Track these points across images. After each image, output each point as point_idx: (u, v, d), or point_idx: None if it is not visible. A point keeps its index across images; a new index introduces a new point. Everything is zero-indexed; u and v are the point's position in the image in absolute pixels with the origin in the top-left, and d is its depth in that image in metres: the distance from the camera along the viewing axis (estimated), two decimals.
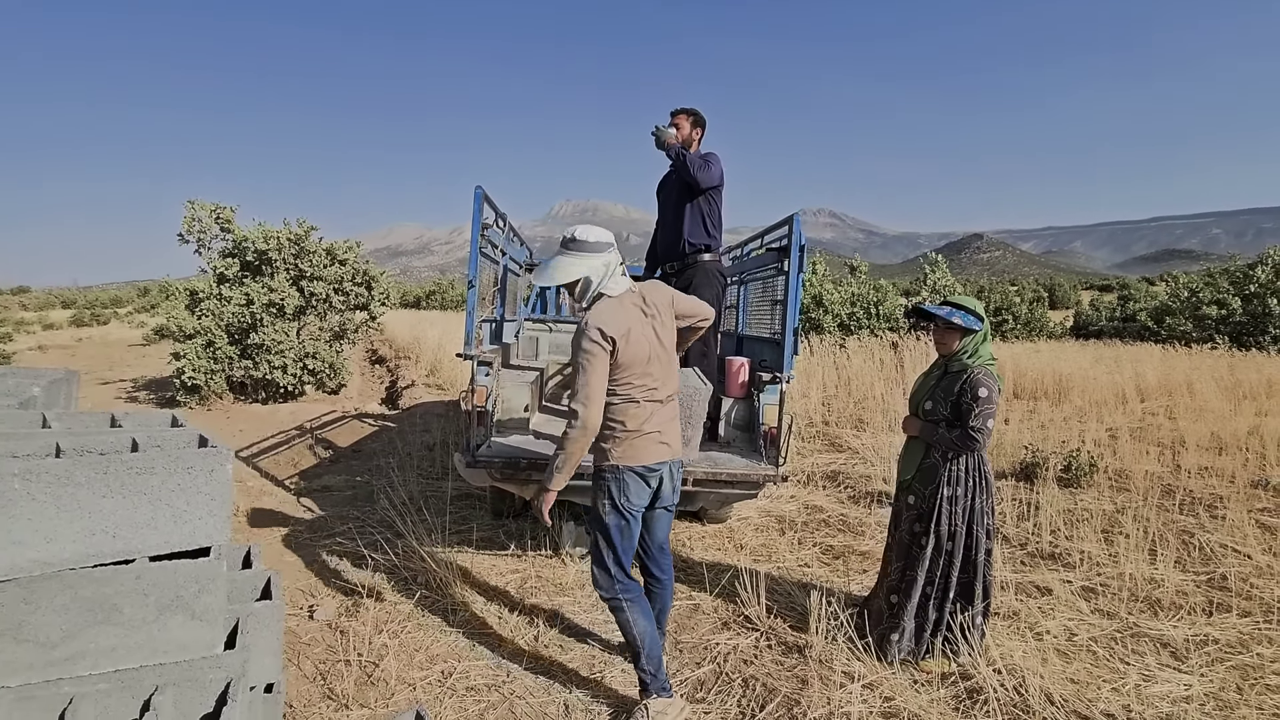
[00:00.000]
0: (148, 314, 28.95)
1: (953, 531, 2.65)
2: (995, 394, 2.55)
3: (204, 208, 8.50)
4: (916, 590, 2.71)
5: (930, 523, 2.67)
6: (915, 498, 2.75)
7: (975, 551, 2.66)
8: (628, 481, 2.30)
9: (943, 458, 2.66)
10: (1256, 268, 15.15)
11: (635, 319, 2.27)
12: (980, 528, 2.65)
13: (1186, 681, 2.67)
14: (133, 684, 1.33)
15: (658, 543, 2.54)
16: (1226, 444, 6.29)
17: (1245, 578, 3.60)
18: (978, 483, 2.64)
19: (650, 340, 2.30)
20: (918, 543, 2.71)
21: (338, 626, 3.01)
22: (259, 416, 7.89)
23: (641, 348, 2.26)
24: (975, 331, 2.62)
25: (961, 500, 2.64)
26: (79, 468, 1.32)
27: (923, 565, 2.69)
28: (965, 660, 2.66)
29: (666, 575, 2.61)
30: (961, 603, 2.71)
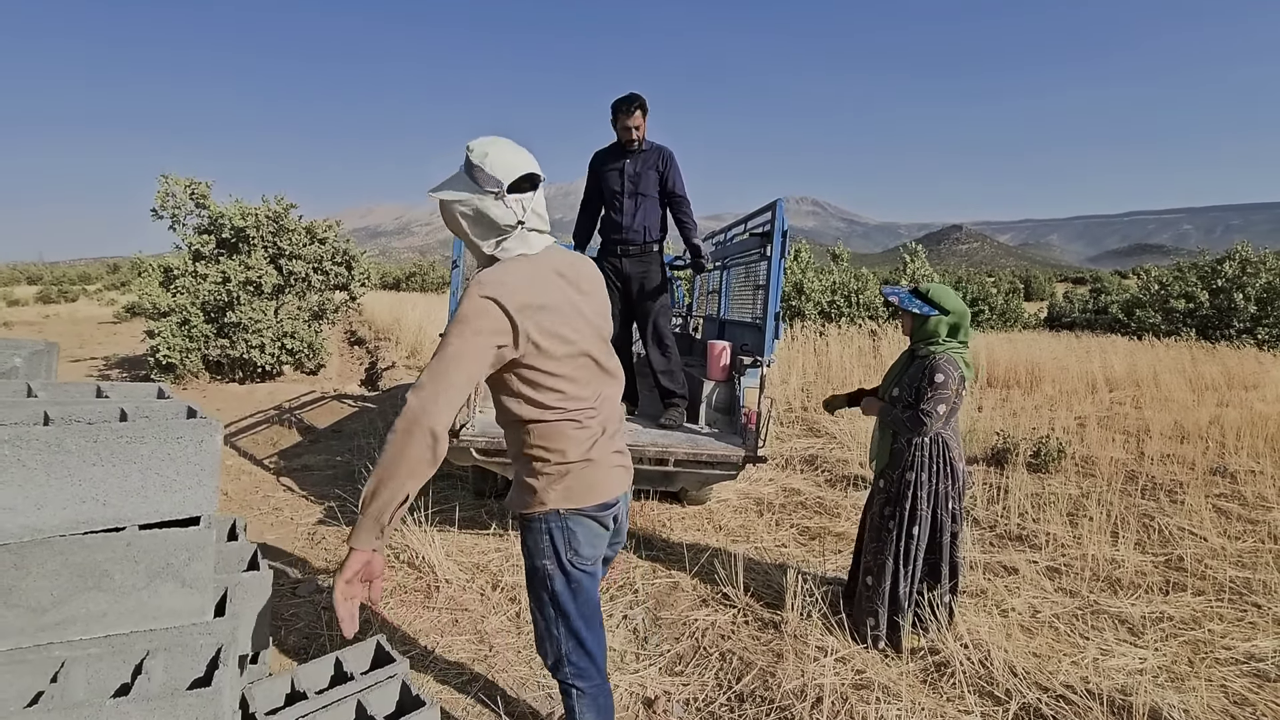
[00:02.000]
0: (118, 291, 28.28)
1: (919, 515, 2.73)
2: (953, 380, 2.59)
3: (178, 182, 8.33)
4: (888, 573, 2.79)
5: (897, 506, 2.76)
6: (885, 481, 2.83)
7: (940, 534, 2.75)
8: (574, 531, 1.59)
9: (908, 443, 2.73)
10: (1224, 263, 15.56)
11: (560, 292, 1.54)
12: (945, 512, 2.73)
13: (1141, 655, 2.80)
14: (124, 649, 1.35)
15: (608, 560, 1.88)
16: (1188, 433, 6.52)
17: (1201, 559, 3.76)
18: (943, 469, 2.71)
19: (584, 323, 1.58)
20: (886, 525, 2.79)
21: (320, 602, 3.03)
22: (236, 396, 7.80)
23: (574, 334, 1.54)
24: (930, 318, 2.66)
25: (927, 485, 2.71)
26: (69, 435, 1.32)
27: (890, 547, 2.77)
28: (933, 635, 2.76)
29: None
30: (929, 581, 2.81)
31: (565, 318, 1.52)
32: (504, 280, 1.44)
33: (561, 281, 1.56)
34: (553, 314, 1.49)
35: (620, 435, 1.73)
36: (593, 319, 1.61)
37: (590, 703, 1.69)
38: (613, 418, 1.68)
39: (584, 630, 1.65)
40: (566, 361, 1.52)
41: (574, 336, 1.53)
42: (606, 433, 1.64)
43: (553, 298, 1.51)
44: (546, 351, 1.48)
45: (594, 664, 1.69)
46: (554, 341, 1.49)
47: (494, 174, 1.47)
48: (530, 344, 1.46)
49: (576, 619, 1.64)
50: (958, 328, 2.67)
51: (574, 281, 1.60)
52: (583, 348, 1.56)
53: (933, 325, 2.66)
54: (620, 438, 1.73)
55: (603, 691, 1.72)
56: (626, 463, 1.73)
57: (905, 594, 2.78)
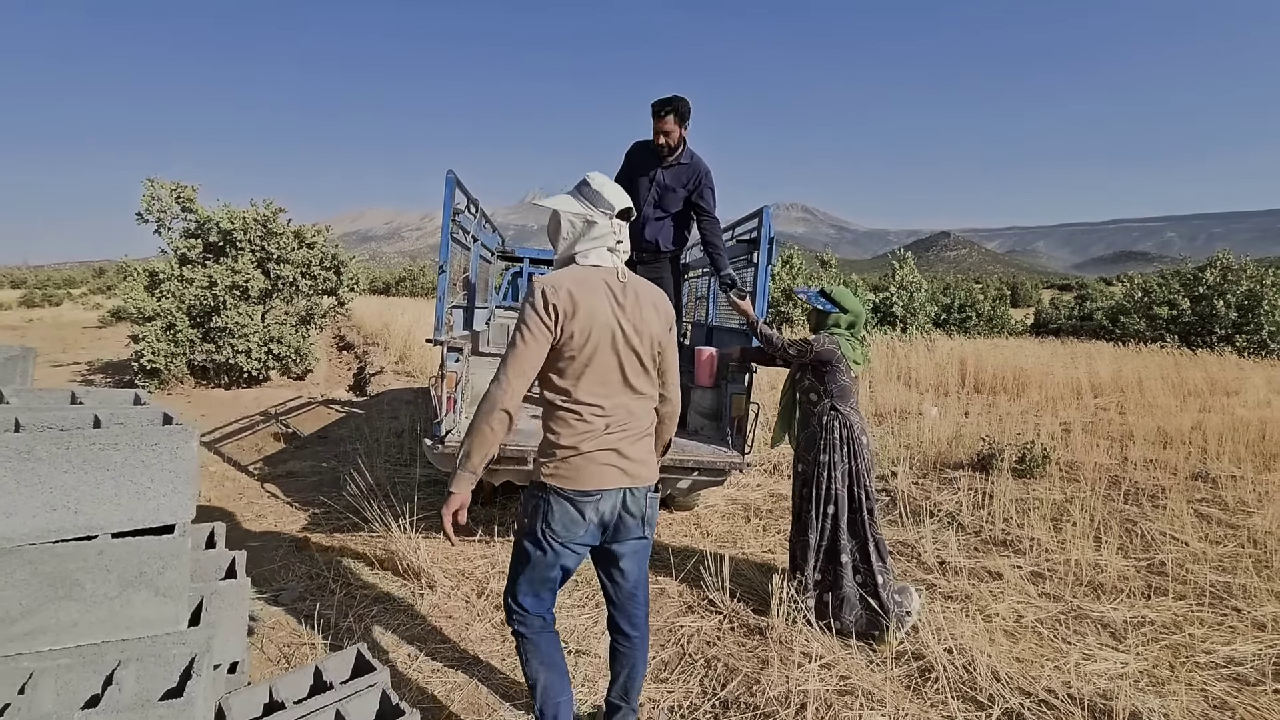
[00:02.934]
0: (103, 295, 27.98)
1: (834, 494, 2.94)
2: (821, 344, 2.97)
3: (164, 186, 8.26)
4: (811, 551, 2.98)
5: (814, 487, 2.97)
6: (802, 465, 3.06)
7: (858, 511, 2.94)
8: (553, 508, 1.79)
9: (821, 426, 2.98)
10: (1206, 270, 15.78)
11: (601, 301, 1.79)
12: (859, 489, 2.94)
13: (1123, 660, 2.82)
14: (94, 659, 1.33)
15: (625, 590, 1.99)
16: (1171, 438, 6.59)
17: (1182, 563, 3.80)
18: (852, 448, 2.95)
19: (615, 334, 1.80)
20: (806, 506, 3.01)
21: (303, 611, 3.00)
22: (221, 401, 7.73)
23: (598, 338, 1.78)
24: (830, 314, 3.05)
25: (841, 465, 2.93)
26: (39, 443, 1.30)
27: (813, 528, 2.97)
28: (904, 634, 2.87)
29: (638, 632, 2.03)
30: (864, 569, 2.93)
31: (594, 320, 1.77)
32: (559, 278, 1.79)
33: (606, 290, 1.81)
34: (585, 313, 1.76)
35: (630, 441, 1.86)
36: (626, 331, 1.82)
37: (533, 647, 1.93)
38: (625, 424, 1.85)
39: (529, 588, 1.89)
40: (582, 356, 1.77)
41: (596, 337, 1.77)
42: (609, 432, 1.81)
43: (590, 301, 1.77)
44: (568, 341, 1.75)
45: (534, 616, 1.93)
46: (577, 335, 1.75)
47: (610, 199, 1.84)
48: (561, 329, 1.75)
49: (529, 578, 1.88)
50: (854, 325, 3.07)
51: (618, 295, 1.83)
52: (601, 349, 1.78)
53: (831, 320, 3.05)
54: (630, 444, 1.86)
55: (544, 639, 1.95)
56: (626, 465, 1.84)
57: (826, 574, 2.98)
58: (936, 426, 6.63)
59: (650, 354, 1.90)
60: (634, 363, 1.85)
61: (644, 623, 2.05)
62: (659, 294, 1.96)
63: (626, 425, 1.85)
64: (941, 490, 5.18)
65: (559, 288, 1.75)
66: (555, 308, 1.73)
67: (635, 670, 2.06)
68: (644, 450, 1.91)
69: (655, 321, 1.90)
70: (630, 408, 1.87)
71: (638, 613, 2.02)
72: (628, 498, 1.86)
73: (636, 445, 1.88)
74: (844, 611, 2.92)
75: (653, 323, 1.89)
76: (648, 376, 1.91)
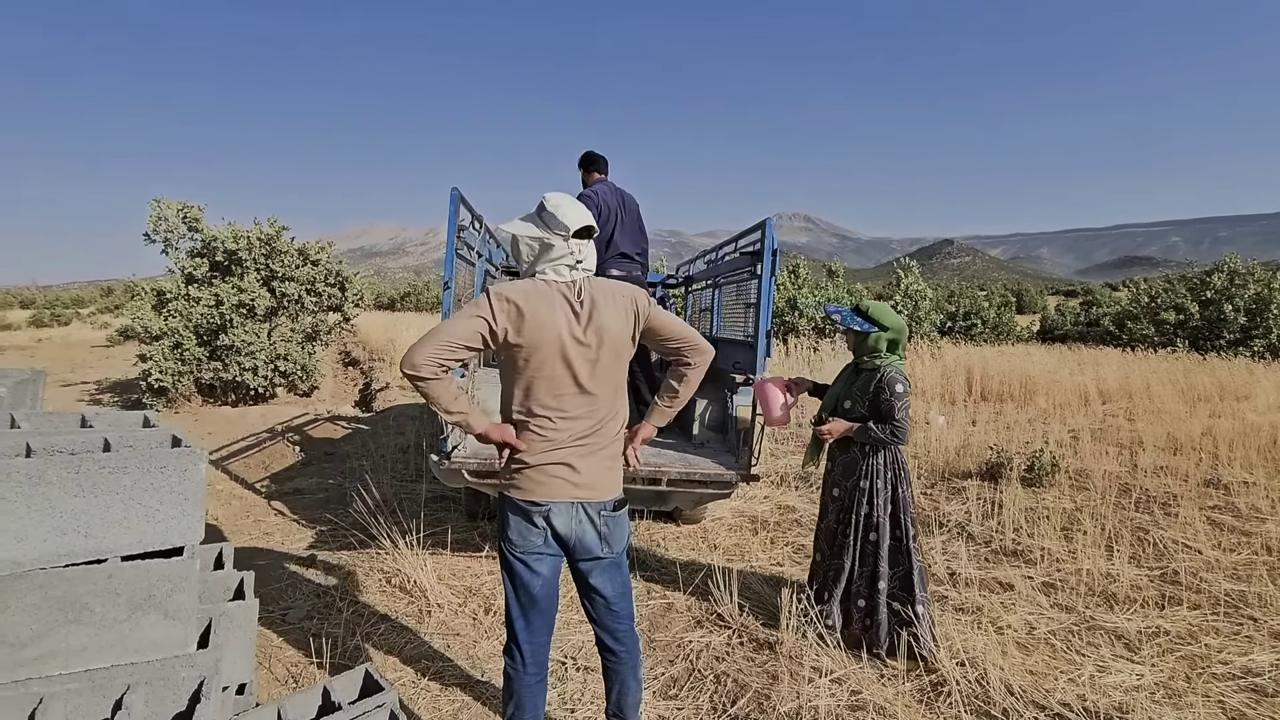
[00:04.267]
0: (111, 314, 28.20)
1: (876, 522, 2.83)
2: (908, 390, 2.78)
3: (170, 206, 8.35)
4: (843, 578, 2.89)
5: (851, 513, 2.86)
6: (839, 490, 2.95)
7: (905, 539, 2.83)
8: (507, 516, 1.85)
9: (862, 451, 2.85)
10: (1213, 274, 15.71)
11: (554, 311, 1.78)
12: (906, 516, 2.84)
13: (1138, 671, 2.78)
14: (104, 683, 1.33)
15: (601, 605, 1.97)
16: (1181, 444, 6.54)
17: (1195, 572, 3.76)
18: (898, 473, 2.84)
19: (564, 343, 1.78)
20: (844, 532, 2.90)
21: (310, 629, 2.99)
22: (228, 419, 7.76)
23: (547, 348, 1.77)
24: (870, 334, 2.83)
25: (883, 492, 2.82)
26: (50, 467, 1.31)
27: (849, 554, 2.88)
28: (929, 649, 2.76)
29: (623, 646, 2.00)
30: (903, 596, 2.82)
31: (541, 330, 1.76)
32: (509, 287, 1.79)
33: (562, 302, 1.80)
34: (532, 321, 1.75)
35: (583, 455, 1.84)
36: (579, 339, 1.79)
37: (506, 682, 1.93)
38: (583, 436, 1.84)
39: (515, 611, 1.90)
40: (531, 366, 1.78)
41: (544, 348, 1.77)
42: (562, 446, 1.82)
43: (538, 311, 1.76)
44: (516, 350, 1.77)
45: (517, 647, 1.90)
46: (525, 345, 1.76)
47: (566, 220, 1.81)
48: (504, 330, 1.75)
49: (515, 598, 1.89)
50: (896, 342, 2.86)
51: (574, 305, 1.81)
52: (550, 360, 1.78)
53: (873, 340, 2.84)
54: (583, 458, 1.84)
55: (520, 680, 1.91)
56: (576, 479, 1.83)
57: (861, 601, 2.87)
58: (944, 435, 6.59)
59: (615, 354, 1.86)
60: (590, 369, 1.82)
61: (629, 637, 2.02)
62: (618, 287, 1.90)
63: (584, 438, 1.84)
64: (950, 500, 5.15)
65: (507, 295, 1.77)
66: (497, 311, 1.75)
67: (626, 685, 2.03)
68: (599, 465, 1.88)
69: (618, 318, 1.85)
70: (591, 418, 1.85)
71: (620, 627, 1.99)
72: (584, 513, 1.86)
73: (590, 459, 1.86)
74: (878, 638, 2.82)
75: (614, 321, 1.84)
76: (612, 382, 1.88)
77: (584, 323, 1.80)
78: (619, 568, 1.97)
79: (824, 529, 3.04)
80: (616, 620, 1.98)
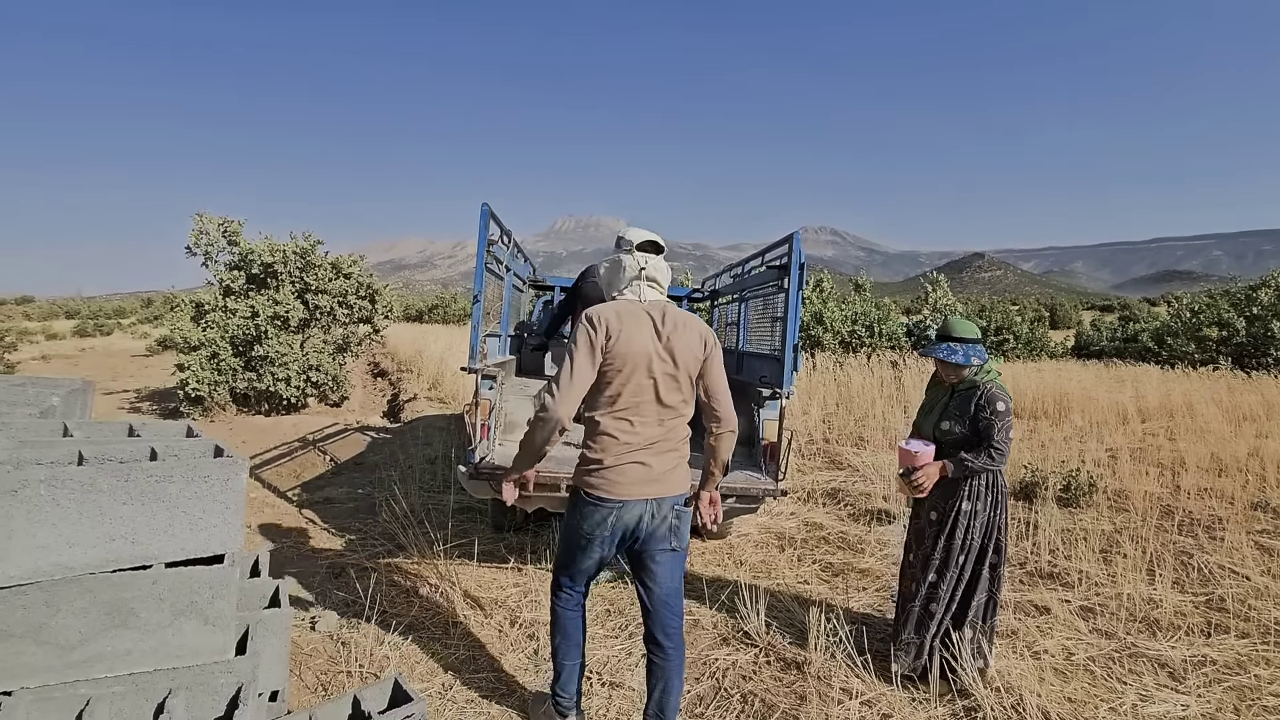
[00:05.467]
0: (151, 325, 29.09)
1: (968, 545, 2.69)
2: (1010, 408, 2.63)
3: (211, 221, 8.62)
4: (941, 606, 2.72)
5: (948, 538, 2.71)
6: (936, 513, 2.78)
7: (983, 566, 2.70)
8: (582, 509, 2.09)
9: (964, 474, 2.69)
10: (1259, 290, 15.21)
11: (642, 329, 2.04)
12: (991, 540, 2.70)
13: (1184, 702, 2.68)
14: (147, 687, 1.37)
15: (658, 597, 2.14)
16: (1226, 465, 6.31)
17: (1243, 599, 3.61)
18: (996, 497, 2.69)
19: (650, 359, 2.02)
20: (944, 558, 2.73)
21: (339, 638, 3.03)
22: (261, 428, 7.93)
23: (635, 362, 2.01)
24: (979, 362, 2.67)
25: (981, 515, 2.68)
26: (102, 475, 1.36)
27: (945, 579, 2.72)
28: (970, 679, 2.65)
29: (671, 642, 2.15)
30: (979, 623, 2.71)
31: (631, 345, 2.01)
32: (603, 308, 2.07)
33: (648, 320, 2.07)
34: (623, 339, 2.01)
35: (657, 454, 2.08)
36: (663, 356, 2.05)
37: (558, 620, 2.27)
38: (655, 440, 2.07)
39: (567, 572, 2.22)
40: (620, 378, 2.02)
41: (633, 361, 2.01)
42: (639, 448, 2.04)
43: (629, 328, 2.02)
44: (609, 362, 2.01)
45: (564, 592, 2.25)
46: (616, 359, 2.00)
47: (630, 238, 2.18)
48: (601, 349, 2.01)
49: (567, 563, 2.21)
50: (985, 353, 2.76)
51: (658, 323, 2.07)
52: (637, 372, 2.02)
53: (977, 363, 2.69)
54: (656, 457, 2.07)
55: (569, 617, 2.26)
56: (650, 476, 2.05)
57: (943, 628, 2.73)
58: None
59: (688, 375, 2.10)
60: (669, 384, 2.07)
61: (678, 634, 2.17)
62: (699, 324, 2.15)
63: (656, 441, 2.07)
64: None
65: (603, 315, 2.03)
66: (600, 330, 2.01)
67: (670, 685, 2.15)
68: (671, 463, 2.10)
69: (695, 346, 2.10)
70: (663, 425, 2.09)
71: (671, 622, 2.16)
72: (655, 508, 2.07)
73: (663, 458, 2.08)
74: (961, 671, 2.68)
75: (693, 347, 2.09)
76: (682, 396, 2.11)
77: (666, 340, 2.06)
78: (680, 561, 2.20)
79: (918, 558, 2.83)
80: (669, 613, 2.16)
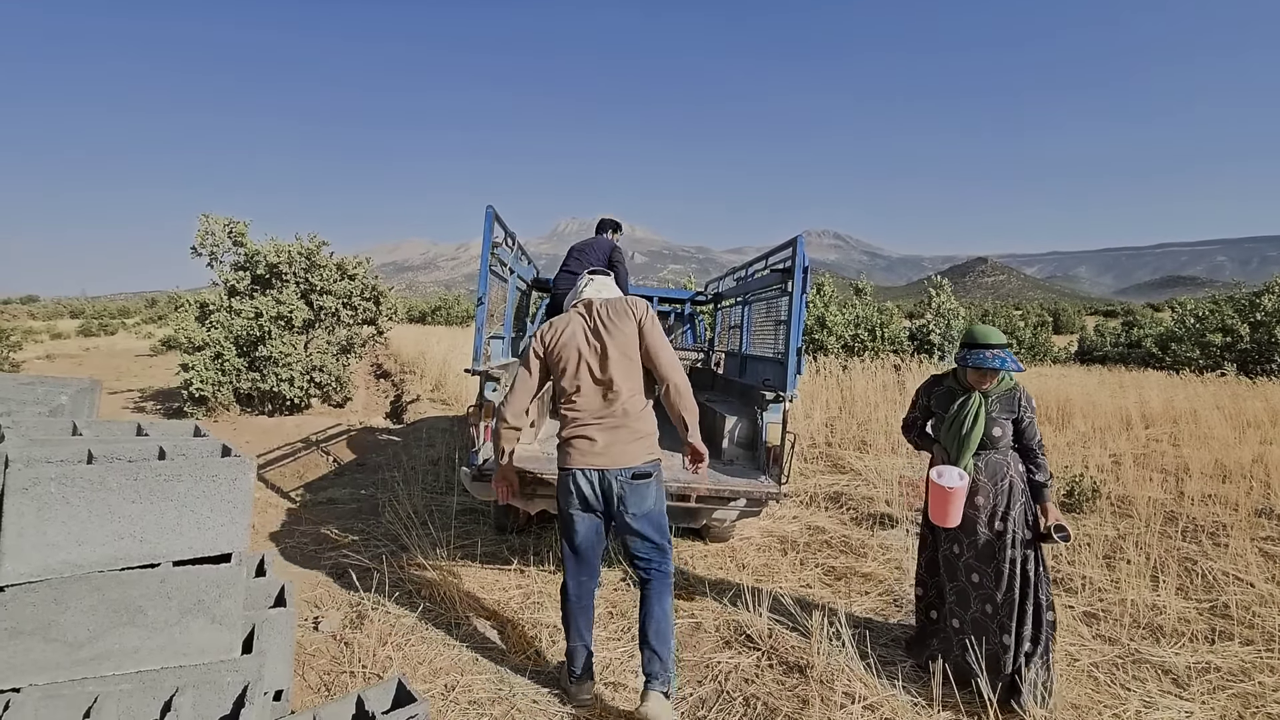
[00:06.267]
0: (155, 325, 29.18)
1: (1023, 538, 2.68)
2: (1032, 409, 2.72)
3: (217, 221, 8.65)
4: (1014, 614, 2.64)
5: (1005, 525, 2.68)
6: (983, 497, 2.71)
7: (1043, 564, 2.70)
8: (558, 482, 2.52)
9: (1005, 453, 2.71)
10: (1263, 296, 15.18)
11: (574, 327, 2.49)
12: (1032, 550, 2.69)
13: (1188, 709, 2.67)
14: (154, 685, 1.37)
15: (630, 552, 2.54)
16: (1230, 472, 6.29)
17: (1248, 606, 3.60)
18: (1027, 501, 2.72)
19: (581, 348, 2.44)
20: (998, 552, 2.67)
21: (342, 638, 3.03)
22: (265, 429, 7.95)
23: (570, 353, 2.44)
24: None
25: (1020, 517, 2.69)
26: (111, 474, 1.37)
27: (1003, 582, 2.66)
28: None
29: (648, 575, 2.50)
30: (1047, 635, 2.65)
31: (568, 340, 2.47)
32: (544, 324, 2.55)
33: (577, 318, 2.52)
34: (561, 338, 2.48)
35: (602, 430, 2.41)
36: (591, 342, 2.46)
37: (567, 601, 2.56)
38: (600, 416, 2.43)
39: (566, 548, 2.55)
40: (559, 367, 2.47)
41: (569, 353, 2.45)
42: (585, 424, 2.42)
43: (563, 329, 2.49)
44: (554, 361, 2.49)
45: (569, 570, 2.55)
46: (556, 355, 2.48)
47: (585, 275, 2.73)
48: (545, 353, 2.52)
49: (561, 537, 2.57)
50: None
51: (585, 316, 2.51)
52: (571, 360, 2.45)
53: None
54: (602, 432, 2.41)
55: (571, 588, 2.55)
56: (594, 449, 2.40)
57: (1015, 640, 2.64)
58: None
59: (621, 351, 2.44)
60: (601, 363, 2.43)
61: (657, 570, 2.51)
62: (630, 303, 2.53)
63: (603, 417, 2.43)
64: None
65: (543, 327, 2.53)
66: (541, 339, 2.51)
67: (649, 617, 2.46)
68: (619, 439, 2.42)
69: (626, 323, 2.47)
70: (607, 400, 2.44)
71: (645, 564, 2.51)
72: (605, 477, 2.41)
73: (610, 434, 2.41)
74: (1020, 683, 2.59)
75: (624, 325, 2.46)
76: (621, 372, 2.43)
77: (595, 328, 2.47)
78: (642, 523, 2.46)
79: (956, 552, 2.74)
80: (639, 561, 2.52)
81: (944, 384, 2.87)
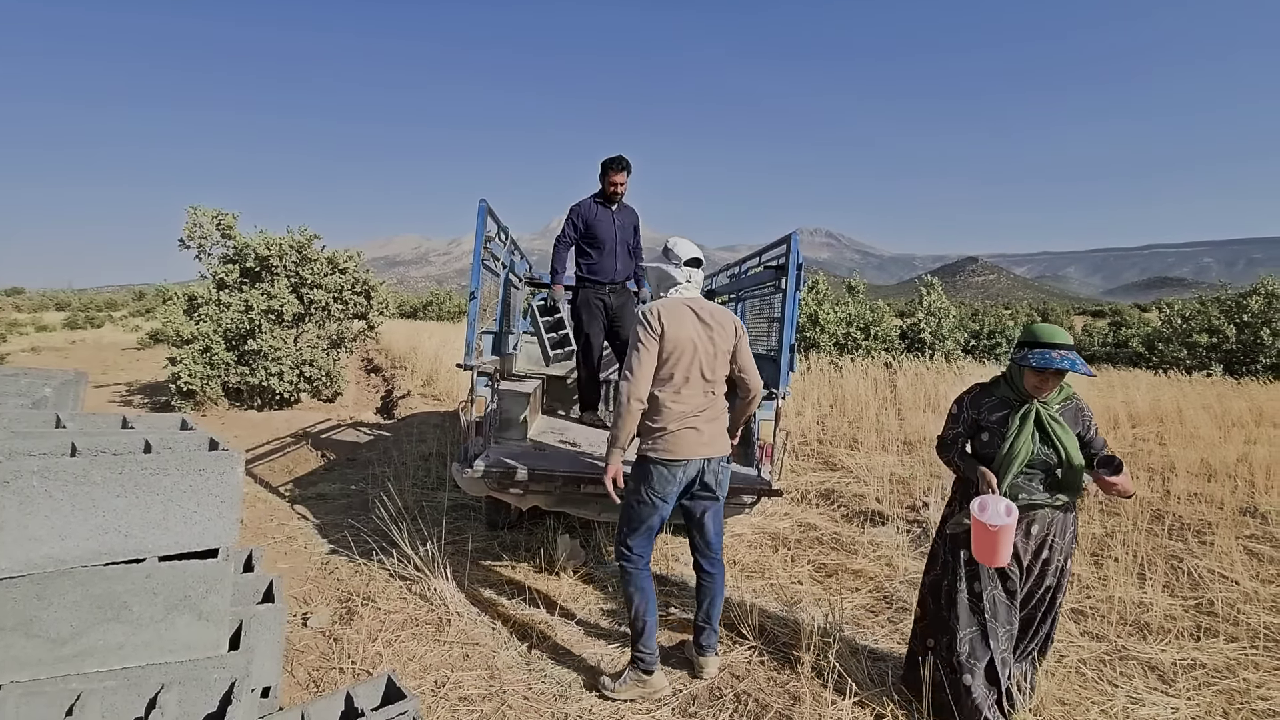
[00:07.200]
0: (142, 318, 28.89)
1: (1062, 568, 2.49)
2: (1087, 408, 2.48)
3: (205, 213, 8.56)
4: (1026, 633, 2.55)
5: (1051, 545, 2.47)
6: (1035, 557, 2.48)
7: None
8: (652, 472, 2.56)
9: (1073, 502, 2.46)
10: (1249, 297, 15.34)
11: (686, 321, 2.55)
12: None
13: (1174, 705, 2.69)
14: (139, 682, 1.35)
15: (706, 538, 2.72)
16: (1216, 471, 6.36)
17: (1233, 603, 3.64)
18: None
19: (695, 344, 2.54)
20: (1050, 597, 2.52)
21: (331, 634, 3.01)
22: (254, 423, 7.88)
23: (683, 347, 2.52)
24: None
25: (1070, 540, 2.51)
26: (95, 467, 1.35)
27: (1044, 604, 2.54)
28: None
29: (715, 569, 2.76)
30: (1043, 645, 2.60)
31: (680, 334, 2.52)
32: (655, 305, 2.57)
33: (690, 314, 2.58)
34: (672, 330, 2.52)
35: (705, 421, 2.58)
36: (704, 340, 2.57)
37: (632, 579, 2.64)
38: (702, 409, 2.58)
39: (635, 534, 2.63)
40: (672, 360, 2.53)
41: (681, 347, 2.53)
42: (691, 416, 2.54)
43: (675, 321, 2.53)
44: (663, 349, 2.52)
45: (635, 555, 2.64)
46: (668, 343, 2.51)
47: (679, 254, 2.68)
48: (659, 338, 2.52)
49: (636, 526, 2.63)
50: None
51: (701, 315, 2.60)
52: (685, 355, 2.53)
53: None
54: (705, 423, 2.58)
55: (642, 575, 2.65)
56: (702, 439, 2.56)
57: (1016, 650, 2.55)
58: None
59: (724, 355, 2.63)
60: (710, 363, 2.58)
61: (719, 563, 2.76)
62: (731, 315, 2.69)
63: (703, 410, 2.57)
64: None
65: (654, 310, 2.53)
66: (655, 324, 2.51)
67: (714, 600, 2.75)
68: (717, 429, 2.62)
69: (729, 332, 2.64)
70: (708, 397, 2.60)
71: (715, 556, 2.75)
72: (705, 465, 2.58)
73: (711, 425, 2.59)
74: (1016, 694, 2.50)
75: (727, 333, 2.63)
76: (720, 373, 2.63)
77: (707, 328, 2.58)
78: (720, 508, 2.74)
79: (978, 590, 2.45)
80: (713, 550, 2.74)
81: (995, 394, 2.49)
